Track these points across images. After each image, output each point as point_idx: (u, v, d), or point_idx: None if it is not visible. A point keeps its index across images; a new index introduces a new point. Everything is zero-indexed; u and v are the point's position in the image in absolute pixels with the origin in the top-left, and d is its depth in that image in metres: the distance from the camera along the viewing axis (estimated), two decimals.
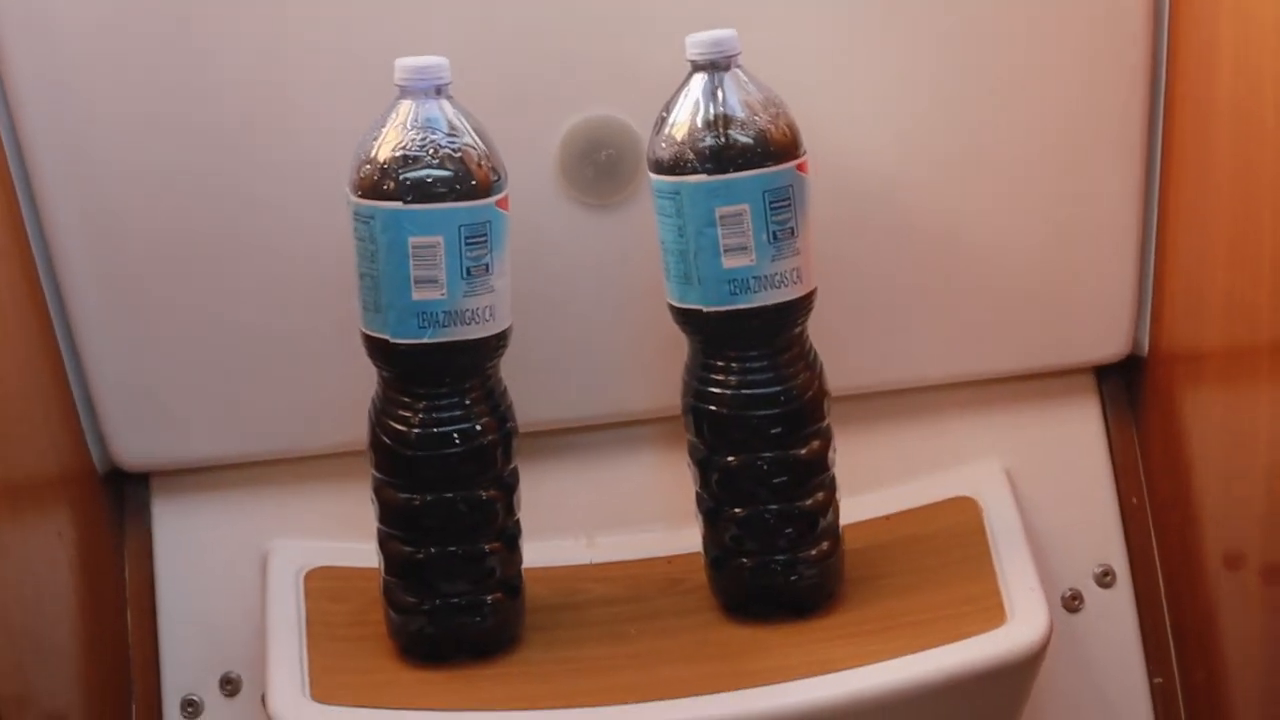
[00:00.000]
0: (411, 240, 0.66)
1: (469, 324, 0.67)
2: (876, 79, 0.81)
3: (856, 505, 0.83)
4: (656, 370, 0.83)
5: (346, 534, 0.83)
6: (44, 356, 0.80)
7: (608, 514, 0.86)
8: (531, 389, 0.83)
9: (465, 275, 0.67)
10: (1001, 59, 0.81)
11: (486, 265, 0.67)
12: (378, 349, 0.70)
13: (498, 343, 0.70)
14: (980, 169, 0.83)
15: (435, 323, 0.67)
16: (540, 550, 0.84)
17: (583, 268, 0.82)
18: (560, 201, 0.81)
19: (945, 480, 0.86)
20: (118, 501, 0.85)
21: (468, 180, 0.67)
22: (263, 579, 0.82)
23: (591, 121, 0.79)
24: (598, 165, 0.80)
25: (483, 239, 0.67)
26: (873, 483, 0.85)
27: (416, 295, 0.66)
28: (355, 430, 0.76)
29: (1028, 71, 0.81)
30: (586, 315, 0.83)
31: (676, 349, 0.77)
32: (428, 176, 0.66)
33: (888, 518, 0.84)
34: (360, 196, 0.68)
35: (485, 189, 0.67)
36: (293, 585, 0.81)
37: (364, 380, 0.79)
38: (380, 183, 0.67)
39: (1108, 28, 0.81)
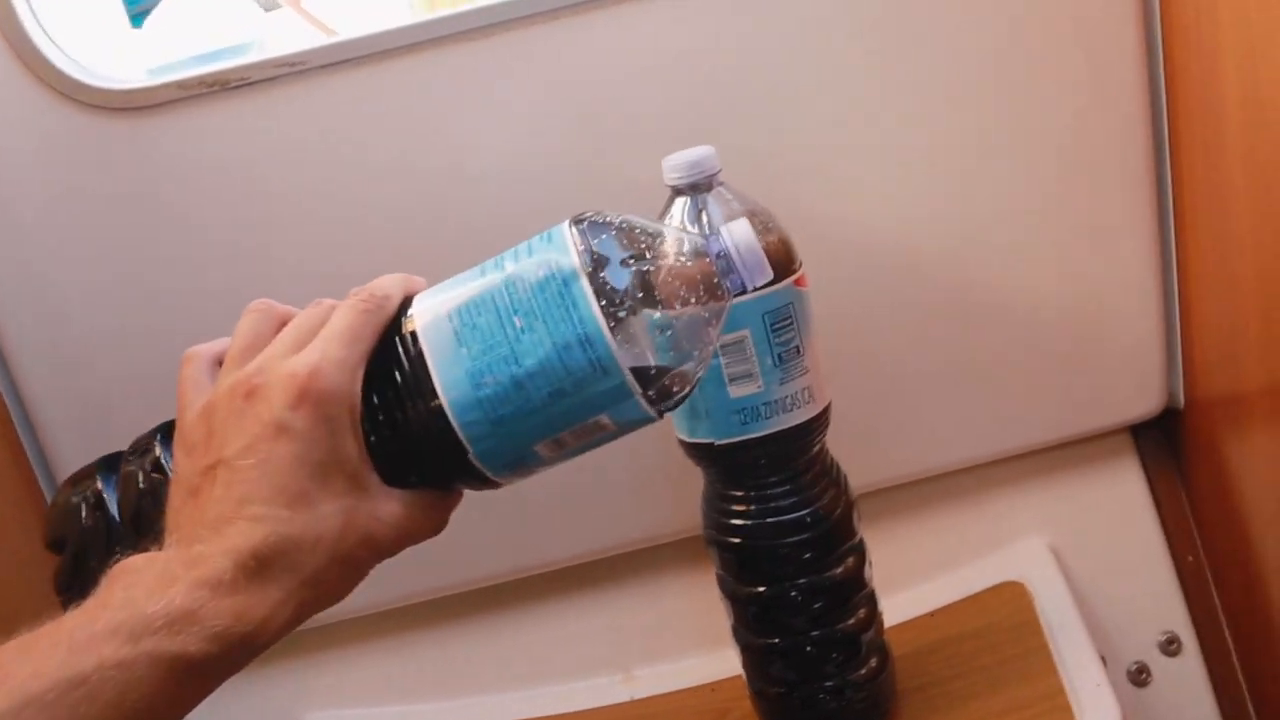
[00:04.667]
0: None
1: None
2: (873, 161, 0.78)
3: (900, 603, 0.80)
4: (671, 492, 0.81)
5: (384, 698, 0.80)
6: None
7: (643, 644, 0.83)
8: (547, 527, 0.81)
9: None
10: (998, 126, 0.77)
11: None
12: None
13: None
14: (988, 240, 0.79)
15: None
16: (577, 693, 0.82)
17: None
18: None
19: (989, 565, 0.82)
20: None
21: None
22: None
23: None
24: None
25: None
26: (914, 576, 0.82)
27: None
28: (387, 590, 0.74)
29: (1025, 137, 0.78)
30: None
31: (689, 467, 0.74)
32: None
33: (933, 614, 0.80)
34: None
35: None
36: None
37: None
38: None
39: (1102, 81, 0.77)
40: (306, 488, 0.46)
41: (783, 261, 0.66)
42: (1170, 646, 0.83)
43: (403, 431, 0.50)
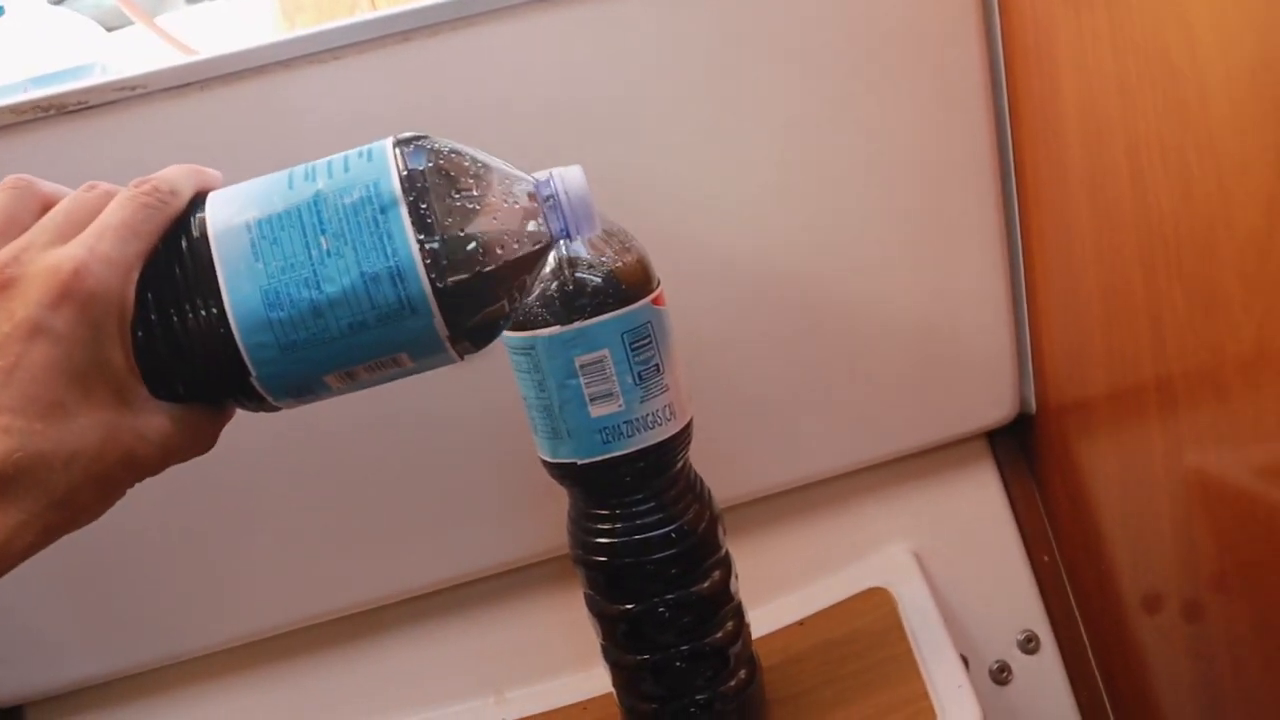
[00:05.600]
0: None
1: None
2: (727, 179, 0.78)
3: (768, 614, 0.81)
4: (536, 512, 0.80)
5: None
6: None
7: (514, 665, 0.82)
8: (411, 552, 0.80)
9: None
10: (847, 143, 0.79)
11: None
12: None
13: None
14: (842, 255, 0.81)
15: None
16: (449, 717, 0.81)
17: (446, 422, 0.78)
18: None
19: (855, 572, 0.83)
20: None
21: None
22: None
23: None
24: None
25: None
26: (782, 586, 0.83)
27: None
28: (246, 621, 0.75)
29: (874, 153, 0.79)
30: (456, 468, 0.79)
31: (553, 487, 0.74)
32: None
33: (802, 623, 0.81)
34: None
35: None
36: None
37: (232, 579, 0.76)
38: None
39: (947, 101, 0.79)
40: (62, 398, 0.40)
41: (640, 281, 0.66)
42: (1029, 645, 0.85)
43: (179, 343, 0.46)
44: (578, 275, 0.65)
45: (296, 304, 0.45)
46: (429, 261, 0.46)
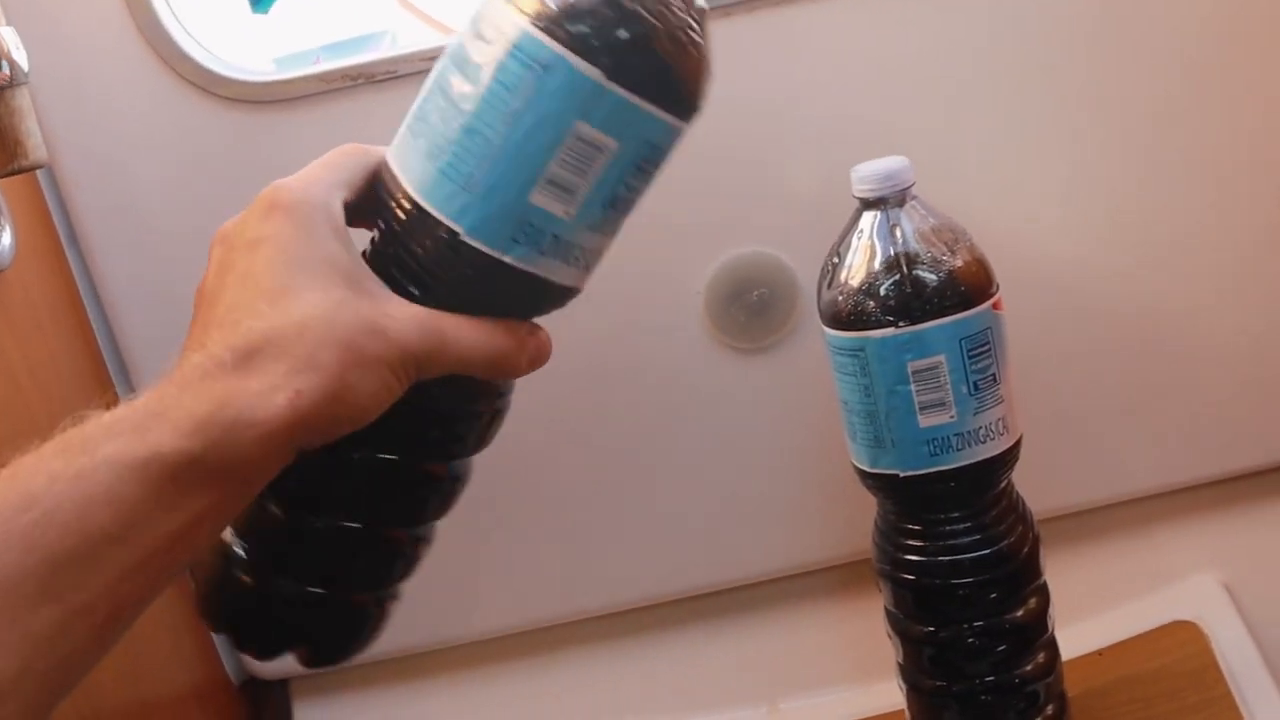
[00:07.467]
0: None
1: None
2: (1054, 176, 0.73)
3: (1066, 638, 0.75)
4: (824, 516, 0.77)
5: None
6: None
7: (789, 675, 0.79)
8: (692, 550, 0.77)
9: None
10: (1182, 148, 0.73)
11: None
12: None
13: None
14: (1171, 265, 0.75)
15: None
16: None
17: (738, 418, 0.75)
18: (709, 348, 0.74)
19: (1160, 602, 0.77)
20: (257, 711, 0.79)
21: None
22: None
23: (740, 259, 0.72)
24: (749, 307, 0.72)
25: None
26: (1081, 610, 0.77)
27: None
28: (525, 612, 0.75)
29: (1211, 155, 0.73)
30: (744, 467, 0.76)
31: (844, 493, 0.70)
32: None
33: (1101, 653, 0.76)
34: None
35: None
36: None
37: (503, 570, 0.75)
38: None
39: None
40: (286, 284, 0.42)
41: (980, 284, 0.62)
42: None
43: (396, 244, 0.46)
44: (915, 273, 0.61)
45: (451, 139, 0.44)
46: (533, 16, 0.43)
